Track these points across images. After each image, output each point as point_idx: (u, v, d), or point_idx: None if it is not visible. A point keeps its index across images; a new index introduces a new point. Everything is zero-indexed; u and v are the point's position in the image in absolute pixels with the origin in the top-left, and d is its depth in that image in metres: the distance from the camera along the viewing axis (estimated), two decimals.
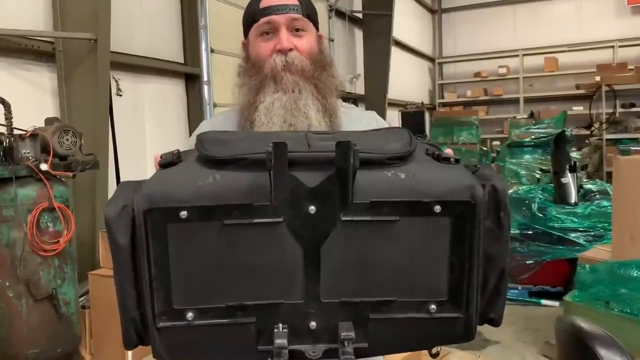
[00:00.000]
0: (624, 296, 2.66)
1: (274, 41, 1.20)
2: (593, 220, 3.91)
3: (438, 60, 11.90)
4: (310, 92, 1.19)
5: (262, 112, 1.16)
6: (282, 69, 1.18)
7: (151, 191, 0.74)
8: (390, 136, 0.83)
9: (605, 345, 0.85)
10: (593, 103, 7.80)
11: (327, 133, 0.89)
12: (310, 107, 1.17)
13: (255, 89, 1.20)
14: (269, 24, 1.21)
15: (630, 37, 10.17)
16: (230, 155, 0.76)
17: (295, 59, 1.19)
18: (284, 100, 1.16)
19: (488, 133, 10.42)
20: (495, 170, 0.81)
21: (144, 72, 4.41)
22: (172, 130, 4.74)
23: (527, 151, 6.76)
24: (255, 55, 1.24)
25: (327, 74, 1.24)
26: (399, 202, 0.73)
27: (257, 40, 1.23)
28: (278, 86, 1.18)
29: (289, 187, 0.72)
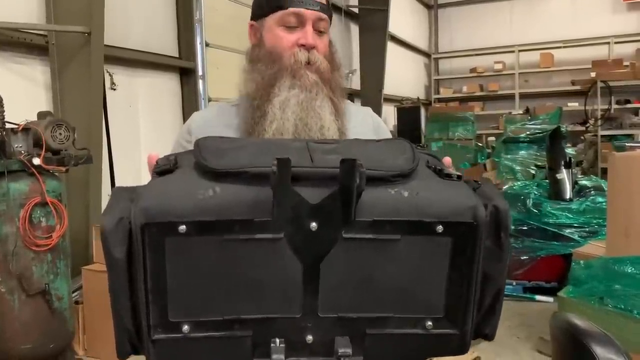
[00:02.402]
0: (618, 292, 2.67)
1: (297, 34, 1.17)
2: (588, 216, 3.92)
3: (434, 56, 11.90)
4: (325, 94, 1.17)
5: (277, 106, 1.13)
6: (304, 64, 1.15)
7: (149, 204, 0.71)
8: (392, 149, 0.82)
9: (601, 343, 0.85)
10: (588, 99, 7.81)
11: (330, 142, 0.86)
12: (325, 109, 1.15)
13: (269, 79, 1.16)
14: (297, 17, 1.17)
15: (626, 34, 10.19)
16: (231, 168, 0.74)
17: (318, 59, 1.17)
18: (300, 97, 1.14)
19: (483, 129, 10.43)
20: (496, 187, 0.81)
21: (138, 66, 4.39)
22: (167, 124, 4.72)
23: (522, 147, 6.78)
24: (272, 43, 1.19)
25: (339, 76, 1.22)
26: (402, 222, 0.73)
27: (277, 28, 1.18)
28: (296, 82, 1.15)
29: (291, 203, 0.71)
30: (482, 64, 11.23)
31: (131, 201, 0.73)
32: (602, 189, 4.16)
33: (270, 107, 1.13)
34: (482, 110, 11.02)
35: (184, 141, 1.25)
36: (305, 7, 1.16)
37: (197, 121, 1.27)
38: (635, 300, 2.60)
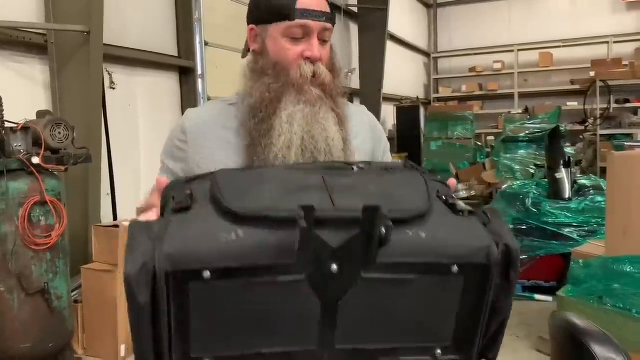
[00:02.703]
0: (617, 291, 2.67)
1: (302, 46, 1.16)
2: (587, 216, 3.92)
3: (433, 55, 11.89)
4: (328, 106, 1.17)
5: (285, 120, 1.13)
6: (309, 79, 1.15)
7: (173, 251, 0.72)
8: (407, 183, 0.84)
9: (600, 342, 0.85)
10: (587, 98, 7.81)
11: (344, 171, 0.88)
12: (329, 120, 1.16)
13: (276, 94, 1.16)
14: (303, 28, 1.15)
15: (625, 33, 10.19)
16: (254, 213, 0.75)
17: (323, 72, 1.17)
18: (305, 111, 1.14)
19: (483, 128, 10.43)
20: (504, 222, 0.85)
21: (137, 65, 4.38)
22: (166, 124, 4.71)
23: (521, 146, 6.78)
24: (277, 54, 1.17)
25: (339, 82, 1.22)
26: (420, 263, 0.76)
27: (282, 39, 1.17)
28: (301, 97, 1.15)
29: (314, 247, 0.73)
30: (481, 64, 11.23)
31: (152, 241, 0.74)
32: (601, 188, 4.16)
33: (278, 121, 1.13)
34: (481, 109, 11.02)
35: (177, 141, 1.23)
36: (311, 18, 1.15)
37: (191, 120, 1.24)
38: (634, 299, 2.61)
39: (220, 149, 1.19)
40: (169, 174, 1.23)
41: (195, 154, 1.20)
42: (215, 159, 1.18)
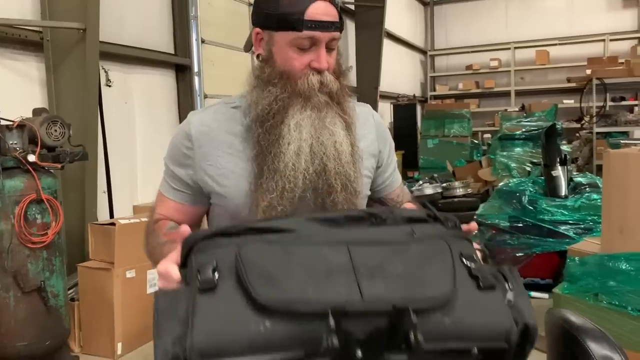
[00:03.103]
0: (613, 289, 2.68)
1: (310, 56, 1.15)
2: (583, 213, 3.92)
3: (430, 53, 11.90)
4: (336, 112, 1.17)
5: (293, 128, 1.13)
6: (317, 90, 1.15)
7: (204, 345, 0.74)
8: (433, 261, 0.84)
9: (595, 339, 0.85)
10: (584, 96, 7.82)
11: (372, 245, 0.88)
12: (336, 125, 1.16)
13: (283, 104, 1.15)
14: (311, 40, 1.14)
15: (621, 31, 10.22)
16: (282, 306, 0.76)
17: (330, 81, 1.16)
18: (313, 117, 1.15)
19: (479, 126, 10.45)
20: (528, 297, 0.89)
21: (133, 63, 4.37)
22: (162, 121, 4.71)
23: (517, 144, 6.79)
24: (284, 64, 1.16)
25: (346, 85, 1.22)
26: (443, 349, 0.79)
27: (290, 49, 1.15)
28: (308, 104, 1.15)
29: (342, 340, 0.75)
30: (478, 61, 11.24)
31: (180, 326, 0.76)
32: (597, 185, 4.17)
33: (286, 129, 1.13)
34: (478, 107, 11.03)
35: (183, 148, 1.22)
36: (320, 30, 1.13)
37: (196, 126, 1.22)
38: (630, 296, 2.61)
39: (227, 156, 1.19)
40: (174, 179, 1.25)
41: (201, 161, 1.20)
42: (223, 166, 1.19)
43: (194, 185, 1.23)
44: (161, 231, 1.21)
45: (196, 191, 1.24)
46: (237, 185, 1.18)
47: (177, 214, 1.26)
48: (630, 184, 2.66)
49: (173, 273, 0.91)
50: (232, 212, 1.20)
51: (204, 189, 1.22)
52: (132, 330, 3.26)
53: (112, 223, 3.26)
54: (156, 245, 1.19)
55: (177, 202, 1.26)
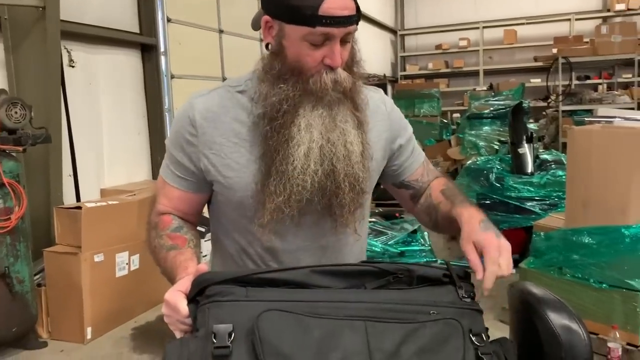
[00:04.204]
0: (576, 262, 2.76)
1: (323, 51, 1.07)
2: (548, 190, 4.01)
3: (400, 33, 11.89)
4: (347, 108, 1.12)
5: (303, 129, 1.09)
6: (332, 88, 1.09)
7: None
8: (446, 345, 0.87)
9: (555, 309, 0.87)
10: (550, 75, 7.94)
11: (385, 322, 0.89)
12: (348, 123, 1.11)
13: (294, 102, 1.09)
14: (325, 35, 1.05)
15: (586, 11, 10.37)
16: None
17: (344, 79, 1.10)
18: (324, 115, 1.10)
19: (449, 105, 10.53)
20: None
21: (97, 43, 4.26)
22: (129, 102, 4.61)
23: (486, 123, 6.87)
24: (294, 59, 1.09)
25: (359, 78, 1.16)
26: None
27: (302, 44, 1.07)
28: (319, 103, 1.09)
29: None
30: (447, 41, 11.28)
31: None
32: (562, 162, 4.26)
33: (295, 130, 1.08)
34: (447, 87, 11.11)
35: (187, 134, 1.17)
36: (335, 25, 1.04)
37: (201, 111, 1.16)
38: (592, 269, 2.69)
39: (232, 145, 1.15)
40: (177, 166, 1.20)
41: (205, 148, 1.16)
42: (227, 156, 1.15)
43: (198, 173, 1.18)
44: (165, 231, 1.17)
45: (200, 178, 1.19)
46: (241, 178, 1.14)
47: (180, 203, 1.22)
48: (592, 160, 2.73)
49: (181, 308, 0.92)
50: (236, 205, 1.17)
51: (207, 177, 1.18)
52: (101, 314, 3.22)
53: (78, 207, 3.20)
54: (159, 247, 1.16)
55: (181, 189, 1.21)
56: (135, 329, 3.35)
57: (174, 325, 0.95)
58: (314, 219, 1.16)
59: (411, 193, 1.32)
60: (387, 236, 3.79)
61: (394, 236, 3.79)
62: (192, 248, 1.15)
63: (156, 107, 4.75)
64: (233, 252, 1.23)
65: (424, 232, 4.03)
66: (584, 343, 0.84)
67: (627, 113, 4.28)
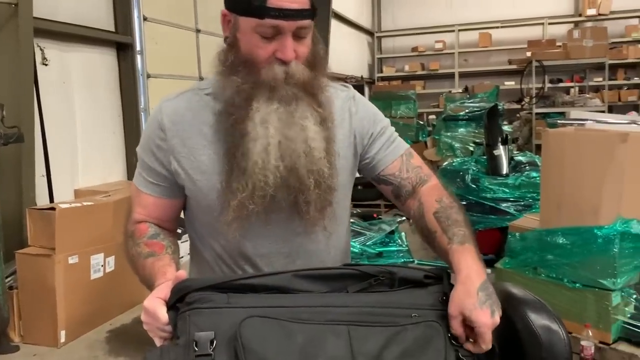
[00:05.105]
0: (550, 262, 2.80)
1: (274, 45, 1.06)
2: (523, 191, 4.08)
3: (377, 34, 11.95)
4: (306, 103, 1.09)
5: (258, 123, 1.06)
6: (283, 80, 1.07)
7: None
8: (428, 348, 0.87)
9: (535, 310, 0.89)
10: (524, 78, 8.07)
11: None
12: (307, 118, 1.09)
13: (247, 94, 1.08)
14: (275, 28, 1.04)
15: (559, 15, 10.57)
16: None
17: (297, 72, 1.07)
18: (280, 111, 1.07)
19: (425, 107, 10.62)
20: None
21: (71, 41, 4.18)
22: (104, 101, 4.54)
23: (461, 124, 6.96)
24: (248, 51, 1.08)
25: (322, 75, 1.14)
26: None
27: (253, 36, 1.06)
28: (274, 95, 1.07)
29: None
30: (423, 43, 11.38)
31: None
32: (536, 164, 4.34)
33: (251, 125, 1.07)
34: (423, 88, 11.21)
35: (157, 139, 1.16)
36: (284, 18, 1.03)
37: (169, 115, 1.16)
38: (566, 269, 2.74)
39: (201, 148, 1.13)
40: (149, 172, 1.18)
41: (175, 151, 1.15)
42: (197, 159, 1.14)
43: (170, 177, 1.17)
44: (141, 239, 1.16)
45: (172, 183, 1.17)
46: (209, 180, 1.13)
47: (156, 210, 1.20)
48: (566, 162, 2.78)
49: (161, 315, 0.90)
50: (206, 208, 1.16)
51: (178, 181, 1.16)
52: (75, 317, 3.17)
53: (52, 208, 3.14)
54: (137, 255, 1.14)
55: (155, 196, 1.19)
56: (111, 332, 3.31)
57: (154, 333, 0.94)
58: (282, 218, 1.14)
59: (391, 189, 1.27)
60: (365, 237, 3.81)
61: (372, 237, 3.81)
62: (169, 254, 1.13)
63: (132, 106, 4.69)
64: (209, 258, 1.22)
65: (401, 232, 4.06)
66: (564, 343, 0.85)
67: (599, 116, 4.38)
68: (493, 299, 0.92)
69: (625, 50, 9.92)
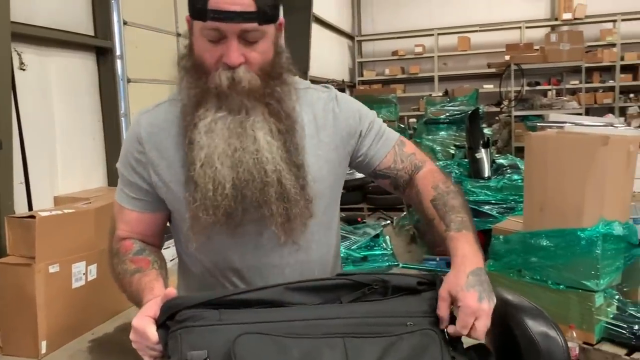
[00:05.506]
0: (534, 264, 2.83)
1: (221, 48, 1.02)
2: (505, 193, 4.12)
3: (357, 38, 12.00)
4: (259, 112, 1.05)
5: (202, 131, 1.03)
6: (227, 87, 1.02)
7: None
8: (424, 357, 0.86)
9: (533, 317, 0.89)
10: (502, 81, 8.17)
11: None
12: (258, 129, 1.04)
13: (195, 100, 1.05)
14: (218, 31, 1.01)
15: (535, 19, 10.74)
16: None
17: (244, 79, 1.02)
18: (227, 121, 1.04)
19: (405, 110, 10.68)
20: None
21: (50, 45, 4.11)
22: (84, 107, 4.47)
23: (442, 128, 6.99)
24: (198, 55, 1.06)
25: (281, 82, 1.10)
26: None
27: (201, 39, 1.04)
28: (222, 103, 1.04)
29: None
30: (403, 47, 11.45)
31: None
32: (517, 167, 4.38)
33: (196, 133, 1.03)
34: (404, 92, 11.28)
35: (136, 153, 1.13)
36: (223, 21, 0.99)
37: (146, 127, 1.14)
38: (550, 271, 2.77)
39: (179, 159, 1.10)
40: (130, 187, 1.16)
41: (154, 164, 1.12)
42: (175, 171, 1.11)
43: (152, 191, 1.14)
44: (127, 256, 1.13)
45: (155, 197, 1.15)
46: (181, 193, 1.10)
47: (139, 225, 1.17)
48: (549, 165, 2.81)
49: (150, 334, 0.88)
50: (179, 223, 1.13)
51: (159, 194, 1.14)
52: (57, 327, 3.10)
53: (31, 216, 3.07)
54: (123, 272, 1.11)
55: (137, 211, 1.16)
56: (93, 342, 3.25)
57: (143, 352, 0.92)
58: (254, 231, 1.10)
59: (389, 182, 1.25)
60: (350, 241, 3.81)
61: (357, 241, 3.81)
62: (156, 269, 1.10)
63: (112, 111, 4.63)
64: (196, 271, 1.20)
65: (385, 236, 4.07)
66: (562, 349, 0.86)
67: (576, 118, 4.45)
68: (485, 287, 0.93)
69: (600, 53, 10.12)
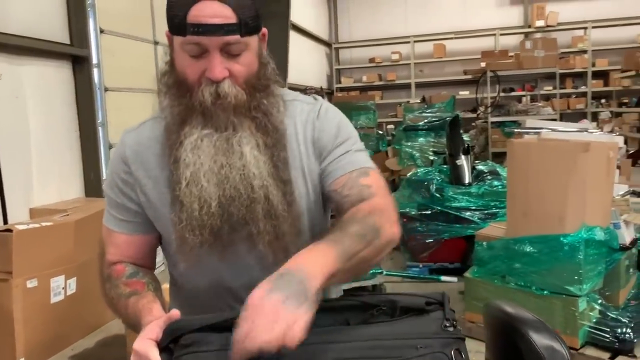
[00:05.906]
0: (518, 270, 2.85)
1: (203, 63, 0.99)
2: (486, 199, 4.15)
3: (335, 46, 12.05)
4: (246, 127, 1.02)
5: (188, 149, 0.99)
6: (211, 103, 0.99)
7: None
8: None
9: (537, 330, 0.88)
10: (478, 88, 8.28)
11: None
12: (245, 144, 1.01)
13: (180, 118, 1.02)
14: (199, 46, 0.98)
15: (509, 26, 10.93)
16: None
17: (229, 93, 0.99)
18: (214, 138, 1.00)
19: (383, 117, 10.75)
20: None
21: (24, 54, 4.02)
22: (59, 117, 4.38)
23: (421, 134, 7.06)
24: (180, 71, 1.02)
25: (267, 94, 1.06)
26: None
27: (182, 54, 1.01)
28: (208, 121, 1.00)
29: None
30: (380, 54, 11.55)
31: None
32: (497, 173, 4.43)
33: (182, 151, 1.00)
34: (381, 99, 11.36)
35: (122, 173, 1.10)
36: (205, 34, 0.96)
37: (131, 146, 1.11)
38: (534, 277, 2.80)
39: (165, 178, 1.07)
40: (118, 209, 1.13)
41: (141, 184, 1.09)
42: (161, 191, 1.08)
43: (141, 212, 1.11)
44: (119, 280, 1.08)
45: (144, 217, 1.11)
46: (167, 214, 1.07)
47: (129, 248, 1.13)
48: (531, 171, 2.84)
49: (153, 357, 0.84)
50: (168, 243, 1.10)
51: (148, 214, 1.10)
52: (35, 343, 3.02)
53: (8, 229, 2.99)
54: (117, 296, 1.07)
55: (127, 233, 1.13)
56: (73, 357, 3.17)
57: None
58: (244, 250, 1.07)
59: (334, 206, 1.12)
60: None
61: None
62: (152, 291, 1.07)
63: (89, 121, 4.54)
64: (189, 291, 1.17)
65: None
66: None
67: (552, 124, 4.52)
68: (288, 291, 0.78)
69: (573, 60, 10.34)
